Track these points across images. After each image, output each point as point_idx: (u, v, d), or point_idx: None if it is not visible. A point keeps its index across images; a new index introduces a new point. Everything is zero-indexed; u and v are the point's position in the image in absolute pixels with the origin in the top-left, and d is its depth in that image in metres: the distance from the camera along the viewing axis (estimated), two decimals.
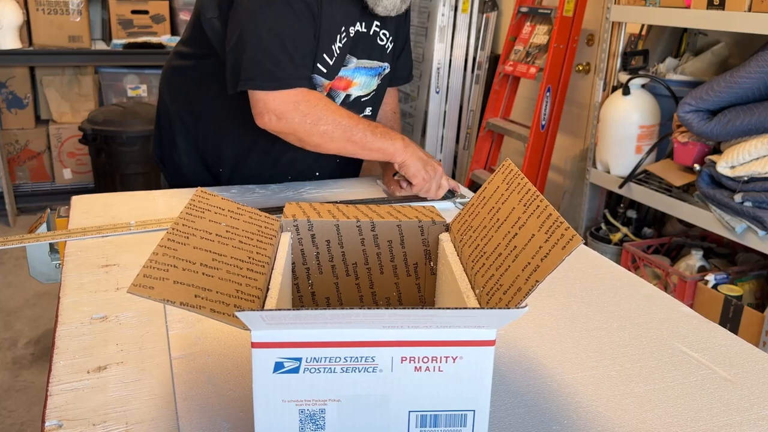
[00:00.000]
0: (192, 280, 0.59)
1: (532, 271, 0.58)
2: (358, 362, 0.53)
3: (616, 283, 0.96)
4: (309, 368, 0.53)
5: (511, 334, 0.80)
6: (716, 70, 2.20)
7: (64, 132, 3.48)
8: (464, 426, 0.56)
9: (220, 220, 0.73)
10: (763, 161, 1.79)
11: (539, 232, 0.62)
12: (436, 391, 0.55)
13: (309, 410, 0.55)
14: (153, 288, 0.56)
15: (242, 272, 0.64)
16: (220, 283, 0.61)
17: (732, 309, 1.92)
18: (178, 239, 0.65)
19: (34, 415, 1.94)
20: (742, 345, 0.81)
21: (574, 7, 2.78)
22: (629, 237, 2.45)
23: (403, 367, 0.54)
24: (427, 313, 0.50)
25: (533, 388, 0.69)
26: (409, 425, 0.56)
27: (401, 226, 0.79)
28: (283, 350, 0.53)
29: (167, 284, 0.57)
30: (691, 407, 0.68)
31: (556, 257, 0.56)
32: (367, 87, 1.33)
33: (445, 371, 0.54)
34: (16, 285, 2.72)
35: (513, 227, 0.67)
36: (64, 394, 0.66)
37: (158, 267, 0.59)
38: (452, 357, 0.54)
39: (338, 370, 0.53)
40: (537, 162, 2.95)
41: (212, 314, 0.56)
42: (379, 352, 0.53)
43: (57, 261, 1.14)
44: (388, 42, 1.33)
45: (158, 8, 3.50)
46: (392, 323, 0.52)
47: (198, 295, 0.58)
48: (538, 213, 0.64)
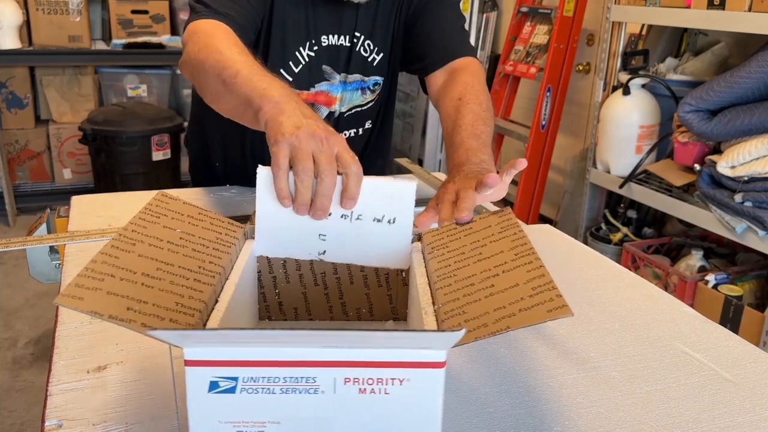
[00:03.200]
0: (128, 291, 0.56)
1: (505, 316, 0.55)
2: (298, 383, 0.50)
3: (617, 284, 0.96)
4: (246, 388, 0.50)
5: (512, 334, 0.80)
6: (716, 70, 2.20)
7: (64, 132, 3.48)
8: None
9: (175, 226, 0.69)
10: (763, 161, 1.79)
11: (525, 285, 0.58)
12: (383, 416, 0.51)
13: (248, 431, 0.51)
14: (82, 299, 0.52)
15: (188, 283, 0.61)
16: (160, 294, 0.57)
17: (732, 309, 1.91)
18: (123, 246, 0.62)
19: (34, 415, 1.94)
20: (744, 346, 0.80)
21: (574, 7, 2.78)
22: (629, 237, 2.45)
23: (346, 389, 0.50)
24: (363, 336, 0.48)
25: (534, 389, 0.69)
26: None
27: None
28: (218, 369, 0.50)
29: (99, 295, 0.54)
30: (693, 408, 0.67)
31: (538, 316, 0.53)
32: (349, 102, 1.25)
33: (391, 394, 0.51)
34: (16, 285, 2.72)
35: (496, 267, 0.63)
36: (63, 394, 0.66)
37: (93, 276, 0.56)
38: (398, 379, 0.50)
39: (277, 390, 0.50)
40: (537, 162, 2.95)
41: (142, 329, 0.52)
42: (320, 373, 0.50)
43: (57, 261, 1.14)
44: (374, 54, 1.24)
45: (158, 8, 3.49)
46: (330, 344, 0.50)
47: (131, 307, 0.54)
48: (529, 267, 0.61)
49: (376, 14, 1.21)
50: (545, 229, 1.18)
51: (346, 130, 1.29)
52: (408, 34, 1.24)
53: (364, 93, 1.27)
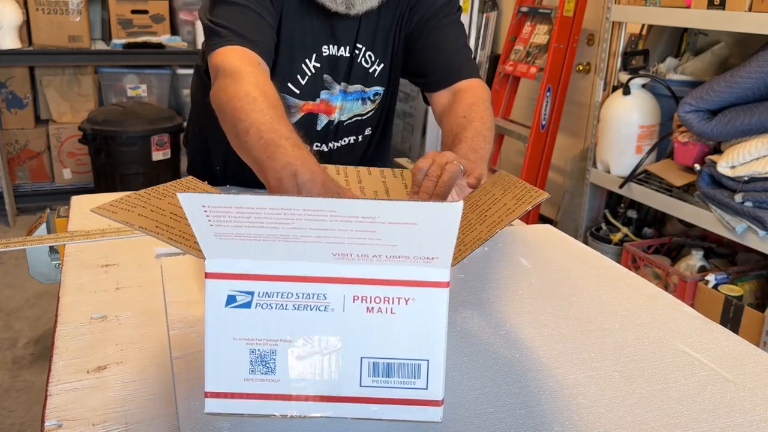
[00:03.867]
0: (157, 218, 0.60)
1: (494, 223, 0.60)
2: (310, 299, 0.53)
3: (618, 284, 0.96)
4: (261, 303, 0.53)
5: (513, 334, 0.80)
6: (716, 70, 2.20)
7: (64, 132, 3.47)
8: (417, 377, 0.54)
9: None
10: (763, 161, 1.79)
11: (511, 200, 0.64)
12: (389, 335, 0.53)
13: (260, 350, 0.53)
14: (116, 212, 0.56)
15: None
16: (186, 227, 0.60)
17: (732, 309, 1.91)
18: (154, 194, 0.67)
19: (34, 415, 1.94)
20: (744, 346, 0.80)
21: (575, 7, 2.78)
22: (629, 237, 2.45)
23: (354, 307, 0.53)
24: (371, 205, 0.48)
25: (534, 389, 0.69)
26: (361, 373, 0.54)
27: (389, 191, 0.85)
28: (236, 282, 0.52)
29: (131, 213, 0.58)
30: (693, 408, 0.67)
31: (519, 210, 0.58)
32: (349, 111, 1.25)
33: (397, 314, 0.53)
34: (16, 285, 2.72)
35: (486, 203, 0.69)
36: (63, 394, 0.66)
37: (126, 204, 0.60)
38: (404, 298, 0.53)
39: (290, 307, 0.53)
40: (537, 162, 2.95)
41: (169, 241, 0.55)
42: (330, 289, 0.53)
43: (57, 261, 1.14)
44: (375, 65, 1.23)
45: (158, 8, 3.49)
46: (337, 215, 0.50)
47: (159, 227, 0.57)
48: (515, 192, 0.67)
49: (378, 26, 1.21)
50: (545, 229, 1.18)
51: (345, 138, 1.29)
52: (410, 49, 1.24)
53: (364, 103, 1.27)
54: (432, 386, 0.54)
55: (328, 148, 1.27)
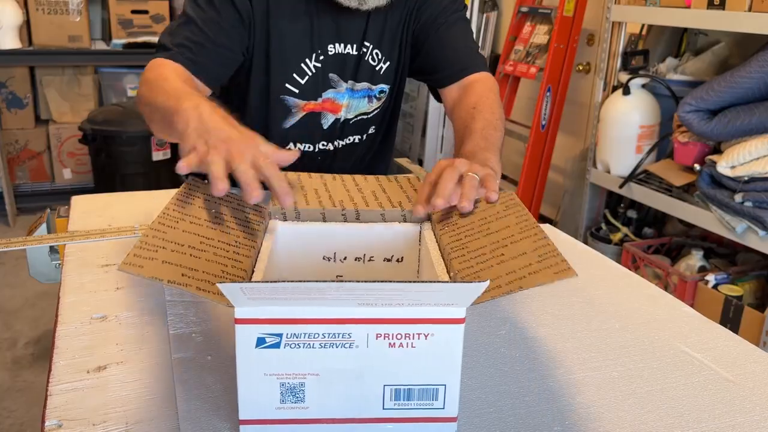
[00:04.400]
0: (180, 260, 0.62)
1: (517, 278, 0.61)
2: (336, 338, 0.56)
3: (618, 283, 0.96)
4: (289, 343, 0.56)
5: (513, 334, 0.80)
6: (716, 70, 2.20)
7: (64, 132, 3.47)
8: (436, 399, 0.59)
9: (209, 207, 0.76)
10: (763, 161, 1.79)
11: (532, 253, 0.65)
12: (409, 366, 0.58)
13: (289, 383, 0.58)
14: (142, 267, 0.58)
15: (228, 255, 0.67)
16: (207, 264, 0.64)
17: (732, 309, 1.91)
18: (168, 223, 0.68)
19: (34, 415, 1.94)
20: (744, 346, 0.80)
21: (575, 7, 2.78)
22: (629, 237, 2.45)
23: (378, 344, 0.57)
24: (396, 287, 0.53)
25: (535, 389, 0.69)
26: (383, 398, 0.59)
27: (384, 215, 0.82)
28: (264, 326, 0.56)
29: (156, 264, 0.60)
30: (693, 408, 0.67)
31: (546, 277, 0.60)
32: (355, 110, 1.26)
33: (417, 347, 0.57)
34: (16, 285, 2.72)
35: (504, 239, 0.70)
36: (64, 394, 0.66)
37: (148, 248, 0.62)
38: (424, 334, 0.57)
39: (317, 345, 0.56)
40: (537, 162, 2.95)
41: (198, 292, 0.58)
42: (355, 329, 0.56)
43: (57, 261, 1.14)
44: (381, 63, 1.24)
45: (158, 8, 3.49)
46: (364, 299, 0.55)
47: (185, 274, 0.60)
48: (534, 239, 0.68)
49: (385, 24, 1.21)
50: (545, 229, 1.18)
51: (350, 136, 1.29)
52: (418, 48, 1.25)
53: (370, 101, 1.27)
54: (448, 406, 0.60)
55: (334, 146, 1.28)
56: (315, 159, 1.27)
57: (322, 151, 1.27)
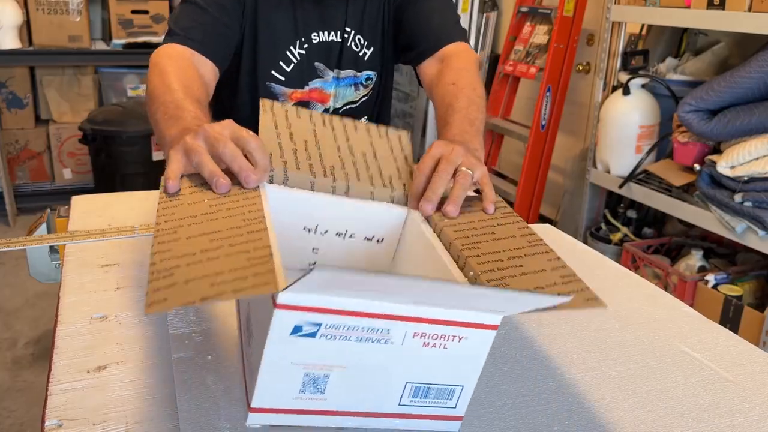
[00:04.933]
0: (201, 271, 0.56)
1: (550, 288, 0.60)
2: (374, 333, 0.55)
3: (618, 283, 0.96)
4: (326, 334, 0.54)
5: (512, 334, 0.80)
6: (716, 70, 2.20)
7: (64, 132, 3.47)
8: (450, 399, 0.59)
9: (200, 199, 0.70)
10: (763, 161, 1.79)
11: (552, 272, 0.64)
12: (437, 365, 0.58)
13: (314, 374, 0.56)
14: (167, 299, 0.52)
15: (243, 237, 0.62)
16: (229, 260, 0.58)
17: (732, 309, 1.91)
18: (167, 239, 0.63)
19: (34, 415, 1.94)
20: (744, 346, 0.80)
21: (574, 7, 2.78)
22: (629, 237, 2.45)
23: (413, 342, 0.56)
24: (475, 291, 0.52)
25: (534, 389, 0.69)
26: (402, 394, 0.58)
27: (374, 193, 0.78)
28: (305, 314, 0.53)
29: (178, 288, 0.54)
30: (693, 408, 0.67)
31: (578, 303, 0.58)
32: (342, 98, 1.25)
33: (449, 349, 0.57)
34: (16, 285, 2.72)
35: (516, 250, 0.68)
36: (64, 393, 0.66)
37: (163, 275, 0.56)
38: (458, 336, 0.57)
39: (353, 338, 0.55)
40: (537, 162, 2.95)
41: (236, 295, 0.53)
42: (395, 326, 0.55)
43: (57, 261, 1.14)
44: (364, 48, 1.23)
45: (158, 8, 3.49)
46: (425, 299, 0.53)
47: (213, 283, 0.54)
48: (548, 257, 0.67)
49: (365, 8, 1.20)
50: (545, 229, 1.18)
51: None
52: (399, 26, 1.22)
53: (357, 89, 1.26)
54: (459, 405, 0.60)
55: None
56: None
57: None
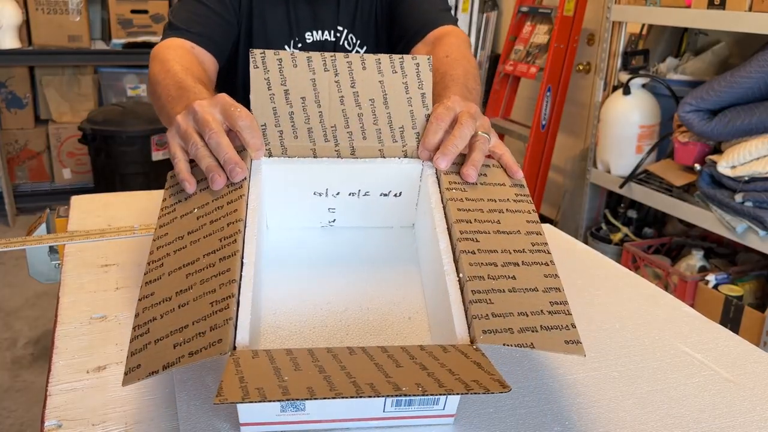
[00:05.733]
0: (169, 325, 0.56)
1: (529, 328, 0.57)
2: None
3: (618, 283, 0.96)
4: None
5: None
6: (717, 70, 2.20)
7: (64, 132, 3.47)
8: (436, 404, 0.59)
9: (190, 208, 0.68)
10: (763, 161, 1.79)
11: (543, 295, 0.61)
12: None
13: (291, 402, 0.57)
14: (140, 366, 0.53)
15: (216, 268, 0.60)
16: (195, 306, 0.57)
17: (732, 309, 1.91)
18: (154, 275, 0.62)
19: (34, 415, 1.94)
20: (744, 346, 0.80)
21: (575, 7, 2.78)
22: (630, 237, 2.45)
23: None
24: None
25: (534, 389, 0.69)
26: (384, 404, 0.58)
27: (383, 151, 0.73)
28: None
29: (150, 350, 0.54)
30: (693, 408, 0.67)
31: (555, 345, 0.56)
32: None
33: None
34: (16, 285, 2.72)
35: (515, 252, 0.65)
36: (63, 394, 0.66)
37: (141, 332, 0.57)
38: None
39: None
40: (537, 162, 2.95)
41: (191, 359, 0.52)
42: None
43: (56, 261, 1.14)
44: (357, 47, 1.22)
45: (158, 8, 3.49)
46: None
47: (177, 343, 0.54)
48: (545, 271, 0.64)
49: (357, 7, 1.20)
50: (545, 229, 1.18)
51: None
52: (392, 20, 1.21)
53: None
54: (448, 407, 0.60)
55: None
56: None
57: None
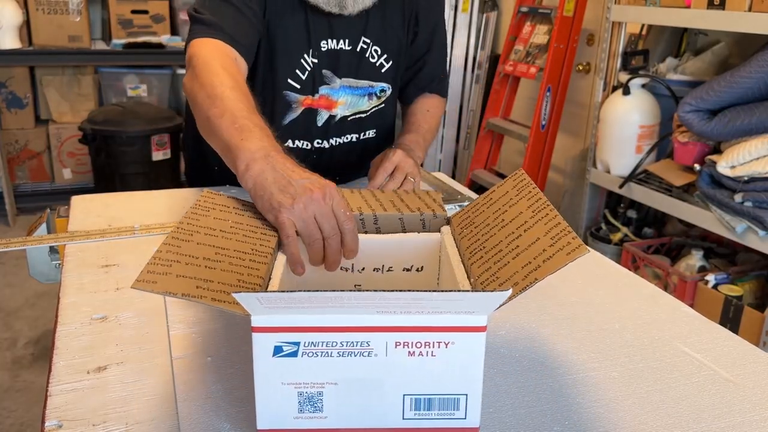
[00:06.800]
0: (194, 273, 0.61)
1: (532, 270, 0.59)
2: (354, 347, 0.55)
3: (617, 283, 0.96)
4: (307, 352, 0.55)
5: (512, 334, 0.80)
6: (716, 70, 2.20)
7: (64, 132, 3.47)
8: (457, 410, 0.58)
9: (225, 217, 0.75)
10: (763, 161, 1.79)
11: (545, 237, 0.63)
12: (430, 375, 0.56)
13: (307, 393, 0.57)
14: (156, 282, 0.57)
15: (244, 263, 0.66)
16: (222, 274, 0.63)
17: (732, 309, 1.91)
18: (182, 237, 0.67)
19: (34, 415, 1.94)
20: (744, 346, 0.80)
21: (574, 7, 2.78)
22: (629, 237, 2.45)
23: (397, 352, 0.56)
24: (416, 297, 0.52)
25: (534, 389, 0.69)
26: (404, 408, 0.57)
27: (403, 219, 0.80)
28: (281, 335, 0.55)
29: (170, 278, 0.59)
30: (693, 408, 0.67)
31: (559, 261, 0.58)
32: (354, 107, 1.26)
33: (438, 356, 0.56)
34: (16, 285, 2.72)
35: (518, 229, 0.68)
36: (64, 394, 0.66)
37: (161, 263, 0.61)
38: (444, 342, 0.55)
39: (335, 354, 0.55)
40: (537, 162, 2.95)
41: (213, 303, 0.57)
42: (373, 338, 0.55)
43: (57, 261, 1.14)
44: (381, 60, 1.25)
45: (158, 8, 3.49)
46: (383, 307, 0.53)
47: (200, 286, 0.59)
48: (546, 220, 0.66)
49: (384, 23, 1.22)
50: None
51: (347, 135, 1.29)
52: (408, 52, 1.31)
53: (370, 98, 1.28)
54: (470, 416, 0.58)
55: (329, 144, 1.28)
56: (310, 156, 1.27)
57: (317, 149, 1.27)
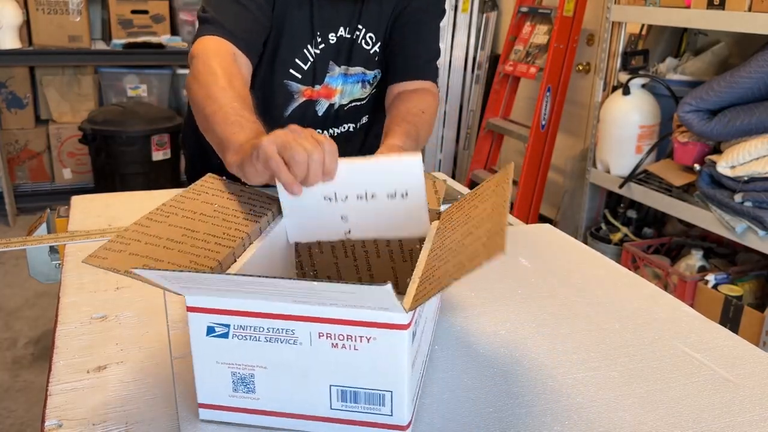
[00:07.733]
0: (149, 252, 0.63)
1: (458, 269, 0.56)
2: (280, 334, 0.57)
3: (617, 283, 0.96)
4: (237, 335, 0.58)
5: (512, 334, 0.80)
6: (716, 70, 2.20)
7: (64, 132, 3.47)
8: (383, 405, 0.58)
9: (213, 201, 0.75)
10: (763, 161, 1.79)
11: (484, 235, 0.60)
12: (354, 369, 0.57)
13: (240, 373, 0.59)
14: (106, 258, 0.59)
15: (208, 246, 0.67)
16: (177, 255, 0.64)
17: (732, 309, 1.91)
18: (156, 218, 0.69)
19: (34, 415, 1.94)
20: (744, 346, 0.80)
21: (574, 7, 2.78)
22: (629, 237, 2.45)
23: (320, 343, 0.57)
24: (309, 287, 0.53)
25: (534, 389, 0.69)
26: (331, 398, 0.59)
27: None
28: (213, 316, 0.58)
29: (122, 255, 0.61)
30: (693, 408, 0.67)
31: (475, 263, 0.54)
32: (349, 95, 1.26)
33: (360, 350, 0.57)
34: (16, 285, 2.72)
35: (473, 227, 0.66)
36: (64, 393, 0.66)
37: (121, 241, 0.63)
38: (366, 337, 0.56)
39: (262, 339, 0.58)
40: (537, 162, 2.95)
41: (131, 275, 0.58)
42: (297, 326, 0.57)
43: (57, 261, 1.14)
44: (374, 46, 1.24)
45: (158, 8, 3.49)
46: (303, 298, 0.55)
47: (147, 265, 0.61)
48: (494, 216, 0.63)
49: (381, 9, 1.21)
50: (545, 229, 1.18)
51: (345, 124, 1.29)
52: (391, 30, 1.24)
53: (364, 86, 1.27)
54: (396, 413, 0.58)
55: (329, 134, 1.28)
56: None
57: None
